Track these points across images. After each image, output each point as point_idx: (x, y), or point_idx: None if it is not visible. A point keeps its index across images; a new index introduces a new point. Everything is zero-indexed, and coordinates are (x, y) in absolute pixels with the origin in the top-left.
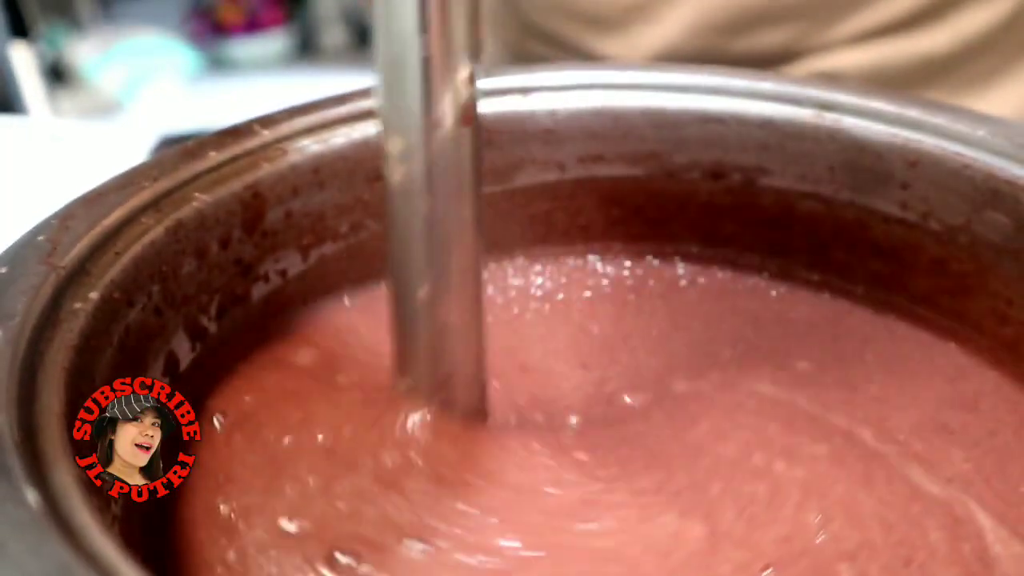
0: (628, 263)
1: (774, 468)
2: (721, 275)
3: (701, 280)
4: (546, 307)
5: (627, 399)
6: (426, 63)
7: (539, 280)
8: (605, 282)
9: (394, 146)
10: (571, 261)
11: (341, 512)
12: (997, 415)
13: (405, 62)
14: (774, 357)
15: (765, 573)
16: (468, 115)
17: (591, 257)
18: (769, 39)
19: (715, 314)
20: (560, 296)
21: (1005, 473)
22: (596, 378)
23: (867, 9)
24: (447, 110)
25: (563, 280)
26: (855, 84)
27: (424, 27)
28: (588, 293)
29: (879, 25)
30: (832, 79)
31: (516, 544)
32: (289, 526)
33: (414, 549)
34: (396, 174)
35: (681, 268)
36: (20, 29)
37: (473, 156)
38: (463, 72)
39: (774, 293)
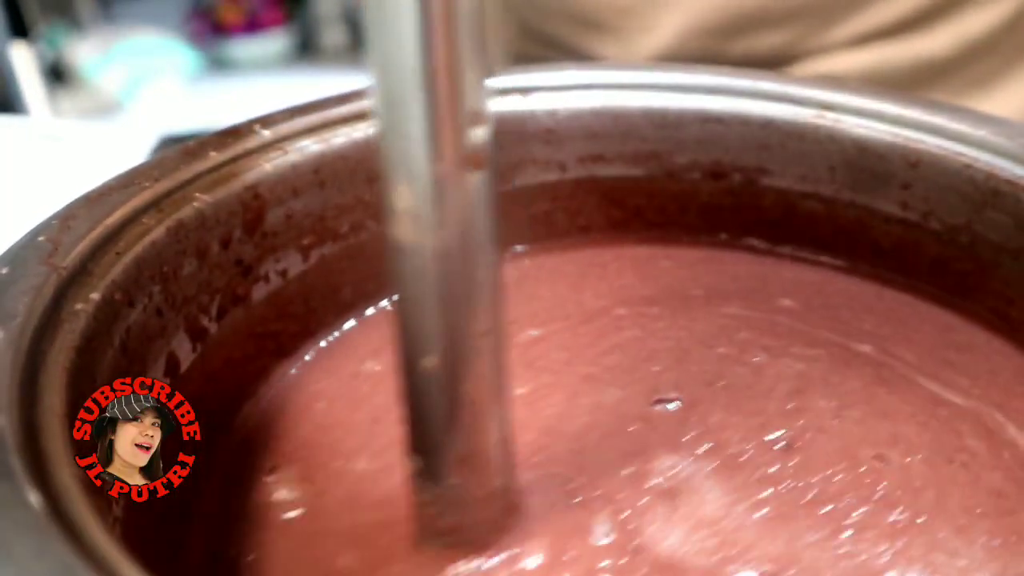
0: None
1: (752, 360)
2: (706, 249)
3: (685, 255)
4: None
5: (532, 332)
6: (430, 100)
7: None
8: (572, 264)
9: (399, 198)
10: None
11: None
12: (995, 360)
13: (405, 100)
14: (751, 295)
15: (780, 444)
16: (480, 158)
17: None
18: (767, 42)
19: (692, 274)
20: (516, 273)
21: (1017, 408)
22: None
23: (866, 11)
24: (457, 154)
25: (527, 262)
26: (856, 84)
27: (427, 58)
28: (552, 268)
29: (878, 27)
30: (833, 79)
31: None
32: None
33: None
34: (402, 230)
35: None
36: (20, 29)
37: (489, 204)
38: (474, 108)
39: (759, 261)
